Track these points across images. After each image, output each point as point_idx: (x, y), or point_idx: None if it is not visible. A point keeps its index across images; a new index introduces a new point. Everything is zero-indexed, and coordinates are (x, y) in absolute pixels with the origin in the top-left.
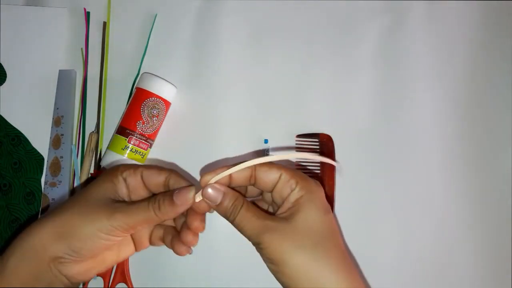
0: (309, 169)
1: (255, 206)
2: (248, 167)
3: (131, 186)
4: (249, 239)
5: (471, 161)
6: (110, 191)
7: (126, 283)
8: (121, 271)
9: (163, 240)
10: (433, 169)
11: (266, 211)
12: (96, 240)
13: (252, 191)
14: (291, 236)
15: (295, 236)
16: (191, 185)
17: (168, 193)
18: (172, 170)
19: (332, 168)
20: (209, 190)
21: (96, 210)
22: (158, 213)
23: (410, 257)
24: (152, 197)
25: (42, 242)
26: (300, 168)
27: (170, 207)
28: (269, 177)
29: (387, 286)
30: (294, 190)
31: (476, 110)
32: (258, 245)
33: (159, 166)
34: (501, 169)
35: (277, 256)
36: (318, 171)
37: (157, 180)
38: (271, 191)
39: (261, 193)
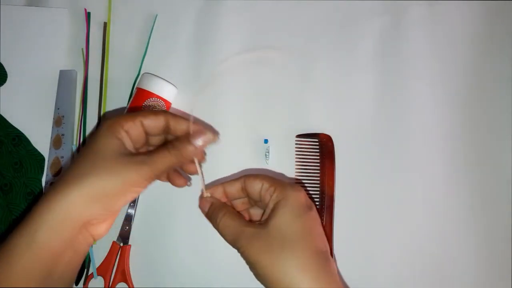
0: (309, 170)
1: (238, 215)
2: (238, 181)
3: (133, 136)
4: (230, 245)
5: (471, 161)
6: (120, 146)
7: (126, 282)
8: (122, 271)
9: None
10: (433, 169)
11: (250, 221)
12: (128, 194)
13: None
14: (262, 240)
15: (265, 240)
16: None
17: (184, 138)
18: (165, 111)
19: (332, 168)
20: (201, 202)
21: (122, 166)
22: (180, 157)
23: (410, 257)
24: (167, 144)
25: (76, 210)
26: (299, 169)
27: (191, 148)
28: (254, 187)
29: (387, 285)
30: (272, 196)
31: (476, 109)
32: (237, 250)
33: (152, 110)
34: (501, 169)
35: (251, 259)
36: (318, 172)
37: (157, 123)
38: (260, 200)
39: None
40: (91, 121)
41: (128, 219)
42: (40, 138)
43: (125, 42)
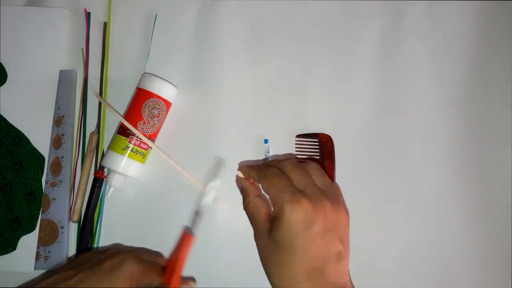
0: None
1: (262, 206)
2: (258, 174)
3: None
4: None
5: (471, 161)
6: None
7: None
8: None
9: None
10: (433, 169)
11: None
12: None
13: None
14: (264, 245)
15: (265, 246)
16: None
17: None
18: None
19: (332, 168)
20: (236, 180)
21: None
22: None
23: (410, 256)
24: None
25: None
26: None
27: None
28: (264, 189)
29: (387, 285)
30: (273, 208)
31: (476, 109)
32: None
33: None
34: (501, 169)
35: (258, 252)
36: None
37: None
38: None
39: None
40: (91, 121)
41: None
42: (40, 138)
43: (125, 42)
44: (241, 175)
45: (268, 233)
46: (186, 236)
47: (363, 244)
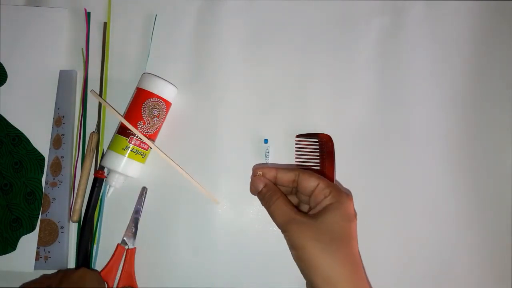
0: (309, 168)
1: (290, 202)
2: (293, 172)
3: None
4: (278, 226)
5: (471, 160)
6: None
7: (132, 285)
8: (128, 274)
9: None
10: (433, 169)
11: (299, 209)
12: None
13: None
14: (313, 229)
15: (315, 230)
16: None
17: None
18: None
19: (332, 168)
20: (255, 179)
21: None
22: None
23: (410, 256)
24: None
25: None
26: (300, 167)
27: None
28: (309, 183)
29: (387, 285)
30: (327, 197)
31: (475, 109)
32: (284, 232)
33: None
34: (501, 169)
35: (298, 242)
36: (318, 172)
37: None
38: (310, 195)
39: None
40: (91, 121)
41: (135, 221)
42: (40, 138)
43: (125, 42)
44: (259, 173)
45: (316, 218)
46: (128, 250)
47: (362, 243)
